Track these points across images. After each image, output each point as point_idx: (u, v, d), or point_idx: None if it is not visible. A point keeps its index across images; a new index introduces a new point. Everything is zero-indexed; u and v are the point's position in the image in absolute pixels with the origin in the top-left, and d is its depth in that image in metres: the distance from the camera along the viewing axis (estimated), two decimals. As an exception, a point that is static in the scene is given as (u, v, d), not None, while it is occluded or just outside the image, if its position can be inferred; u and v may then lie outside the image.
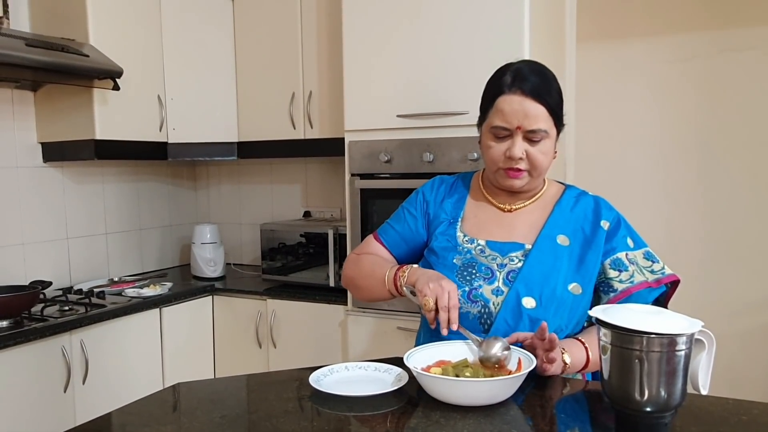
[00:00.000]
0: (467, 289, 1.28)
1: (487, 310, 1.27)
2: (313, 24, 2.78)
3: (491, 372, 1.12)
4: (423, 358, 1.17)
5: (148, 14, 2.77)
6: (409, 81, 2.30)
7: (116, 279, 2.96)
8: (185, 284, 2.93)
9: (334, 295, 2.62)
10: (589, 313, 1.05)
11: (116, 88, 2.48)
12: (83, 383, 2.28)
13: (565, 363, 1.18)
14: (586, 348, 1.22)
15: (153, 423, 1.06)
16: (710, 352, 1.12)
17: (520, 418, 1.03)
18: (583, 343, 1.23)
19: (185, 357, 2.74)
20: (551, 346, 1.13)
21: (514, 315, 1.25)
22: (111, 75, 2.43)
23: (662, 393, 0.94)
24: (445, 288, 1.19)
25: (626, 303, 1.22)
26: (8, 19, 2.46)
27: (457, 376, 1.10)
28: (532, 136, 1.26)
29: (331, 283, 2.70)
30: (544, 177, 1.38)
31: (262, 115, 2.94)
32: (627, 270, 1.30)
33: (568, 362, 1.18)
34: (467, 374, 1.11)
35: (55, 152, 2.69)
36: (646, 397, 0.94)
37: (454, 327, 1.19)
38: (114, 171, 3.05)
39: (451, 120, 2.22)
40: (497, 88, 1.29)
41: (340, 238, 2.67)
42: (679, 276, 1.31)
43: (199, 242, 3.09)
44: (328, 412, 1.07)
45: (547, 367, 1.15)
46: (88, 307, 2.36)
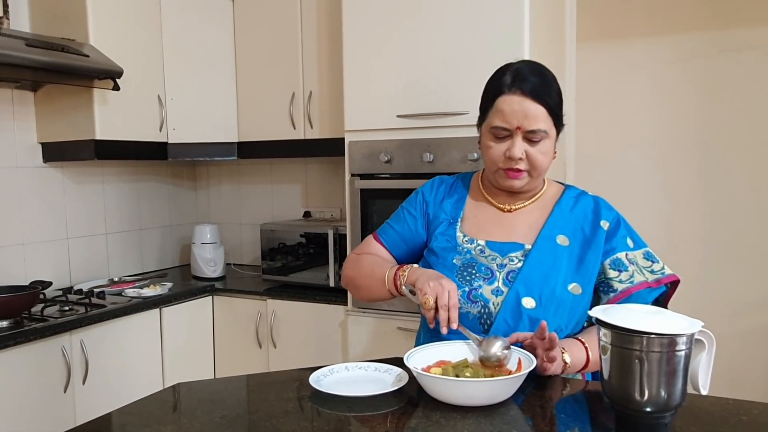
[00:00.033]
0: (467, 289, 1.28)
1: (487, 311, 1.27)
2: (313, 24, 2.78)
3: (491, 372, 1.12)
4: (423, 359, 1.17)
5: (148, 14, 2.77)
6: (409, 81, 2.30)
7: (116, 279, 2.96)
8: (185, 284, 2.93)
9: (334, 296, 2.62)
10: (589, 313, 1.05)
11: (116, 88, 2.48)
12: (83, 383, 2.28)
13: (565, 362, 1.18)
14: (586, 348, 1.22)
15: (153, 423, 1.06)
16: (710, 352, 1.12)
17: (520, 418, 1.03)
18: (583, 343, 1.23)
19: (185, 357, 2.74)
20: (551, 345, 1.13)
21: (513, 315, 1.25)
22: (111, 75, 2.44)
23: (662, 393, 0.94)
24: (445, 287, 1.19)
25: (626, 303, 1.22)
26: (8, 19, 2.46)
27: (457, 377, 1.10)
28: (531, 137, 1.26)
29: (331, 284, 2.70)
30: (544, 177, 1.38)
31: (262, 115, 2.94)
32: (627, 270, 1.30)
33: (568, 362, 1.18)
34: (467, 374, 1.11)
35: (55, 152, 2.69)
36: (646, 397, 0.94)
37: (453, 326, 1.18)
38: (114, 171, 3.05)
39: (451, 120, 2.22)
40: (497, 89, 1.29)
41: (340, 238, 2.67)
42: (679, 276, 1.31)
43: (199, 242, 3.09)
44: (328, 412, 1.07)
45: (548, 366, 1.15)
46: (88, 307, 2.36)
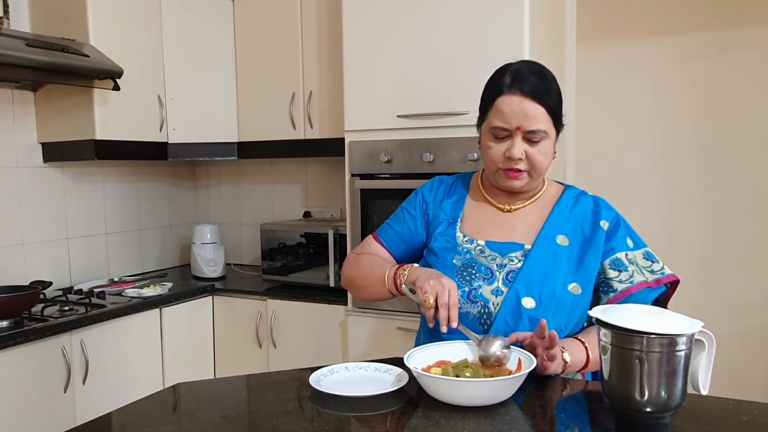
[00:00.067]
0: (467, 289, 1.28)
1: (487, 311, 1.27)
2: (313, 24, 2.78)
3: (491, 372, 1.12)
4: (423, 359, 1.17)
5: (149, 14, 2.77)
6: (409, 81, 2.30)
7: (116, 279, 2.96)
8: (185, 284, 2.93)
9: (334, 296, 2.62)
10: (589, 313, 1.05)
11: (116, 88, 2.48)
12: (83, 383, 2.28)
13: (566, 362, 1.18)
14: (586, 347, 1.22)
15: (153, 423, 1.06)
16: (710, 352, 1.12)
17: (520, 418, 1.03)
18: (582, 343, 1.23)
19: (185, 357, 2.74)
20: (551, 344, 1.13)
21: (513, 315, 1.25)
22: (111, 75, 2.44)
23: (662, 393, 0.94)
24: (445, 285, 1.19)
25: (626, 303, 1.22)
26: (8, 20, 2.46)
27: (458, 377, 1.10)
28: (531, 137, 1.26)
29: (331, 284, 2.70)
30: (544, 177, 1.38)
31: (262, 115, 2.94)
32: (627, 270, 1.30)
33: (569, 361, 1.18)
34: (467, 374, 1.11)
35: (55, 152, 2.69)
36: (646, 397, 0.94)
37: (453, 324, 1.18)
38: (114, 171, 3.05)
39: (451, 120, 2.22)
40: (497, 89, 1.29)
41: (340, 239, 2.67)
42: (678, 276, 1.31)
43: (199, 242, 3.09)
44: (328, 412, 1.07)
45: (548, 365, 1.14)
46: (88, 307, 2.36)
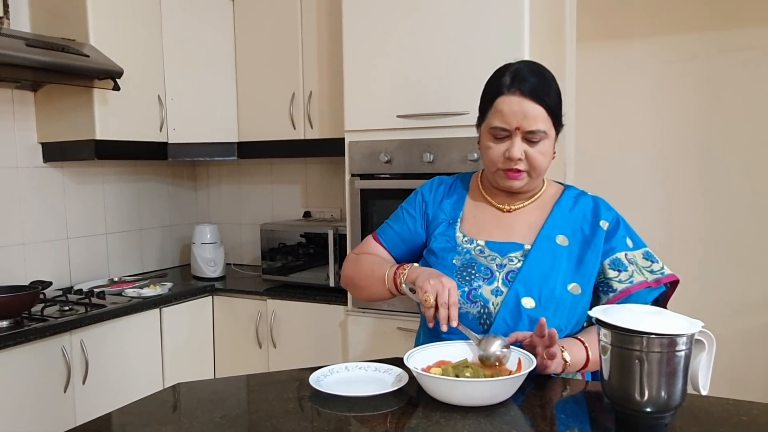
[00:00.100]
0: (466, 289, 1.28)
1: (487, 311, 1.27)
2: (314, 24, 2.78)
3: (491, 372, 1.12)
4: (423, 359, 1.17)
5: (149, 14, 2.77)
6: (409, 81, 2.30)
7: (116, 279, 2.96)
8: (185, 284, 2.93)
9: (334, 296, 2.62)
10: (589, 313, 1.05)
11: (116, 88, 2.48)
12: (83, 383, 2.28)
13: (565, 361, 1.17)
14: (585, 347, 1.22)
15: (153, 423, 1.06)
16: (710, 352, 1.12)
17: (520, 418, 1.03)
18: (582, 342, 1.23)
19: (185, 357, 2.74)
20: (550, 342, 1.12)
21: (513, 315, 1.25)
22: (111, 75, 2.44)
23: (662, 393, 0.94)
24: (445, 285, 1.19)
25: (625, 303, 1.22)
26: (8, 20, 2.46)
27: (458, 377, 1.10)
28: (531, 137, 1.26)
29: (331, 284, 2.70)
30: (543, 177, 1.38)
31: (262, 116, 2.94)
32: (626, 270, 1.30)
33: (568, 360, 1.18)
34: (467, 374, 1.11)
35: (55, 152, 2.69)
36: (646, 397, 0.94)
37: (453, 324, 1.18)
38: (114, 171, 3.05)
39: (451, 120, 2.22)
40: (496, 89, 1.29)
41: (340, 239, 2.67)
42: (678, 276, 1.31)
43: (199, 242, 3.09)
44: (328, 412, 1.07)
45: (548, 364, 1.14)
46: (88, 307, 2.36)
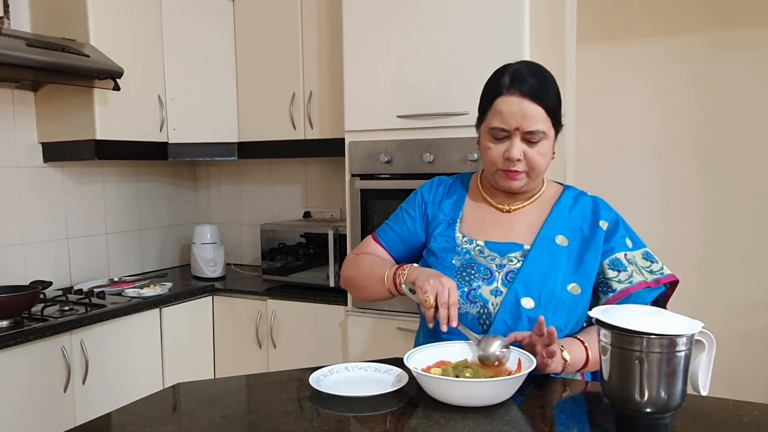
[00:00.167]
0: (466, 289, 1.28)
1: (486, 311, 1.27)
2: (314, 24, 2.78)
3: (491, 372, 1.12)
4: (423, 359, 1.17)
5: (149, 14, 2.77)
6: (410, 81, 2.30)
7: (116, 279, 2.96)
8: (185, 284, 2.93)
9: (334, 296, 2.62)
10: (589, 313, 1.05)
11: (117, 88, 2.48)
12: (83, 383, 2.28)
13: (565, 360, 1.17)
14: (585, 347, 1.22)
15: (153, 423, 1.06)
16: (710, 353, 1.12)
17: (520, 418, 1.03)
18: (582, 342, 1.23)
19: (185, 357, 2.74)
20: (550, 341, 1.12)
21: (513, 315, 1.25)
22: (111, 75, 2.44)
23: (662, 394, 0.94)
24: (445, 285, 1.19)
25: (625, 303, 1.22)
26: (9, 20, 2.46)
27: (457, 377, 1.10)
28: (530, 138, 1.26)
29: (331, 284, 2.70)
30: (543, 177, 1.38)
31: (263, 116, 2.94)
32: (626, 270, 1.30)
33: (568, 359, 1.18)
34: (467, 375, 1.11)
35: (55, 152, 2.69)
36: (646, 398, 0.94)
37: (453, 324, 1.18)
38: (114, 171, 3.05)
39: (452, 120, 2.22)
40: (495, 90, 1.29)
41: (340, 239, 2.67)
42: (678, 276, 1.31)
43: (199, 242, 3.09)
44: (328, 412, 1.07)
45: (548, 363, 1.14)
46: (88, 307, 2.36)
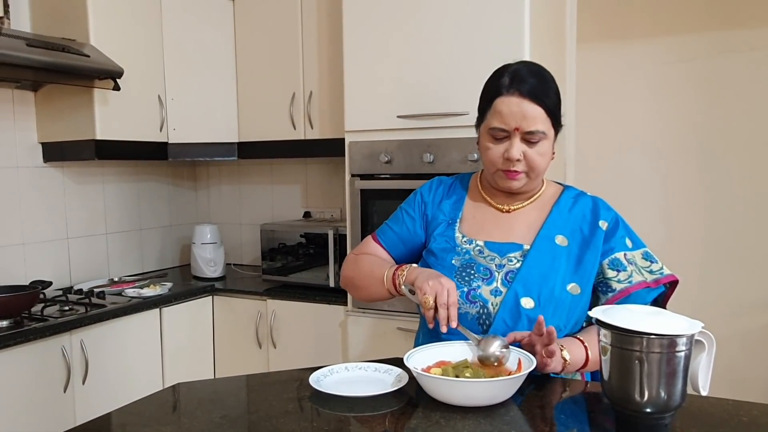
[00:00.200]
0: (466, 289, 1.28)
1: (486, 311, 1.27)
2: (314, 24, 2.78)
3: (491, 372, 1.12)
4: (423, 359, 1.17)
5: (149, 14, 2.77)
6: (410, 82, 2.30)
7: (116, 279, 2.96)
8: (185, 284, 2.93)
9: (334, 296, 2.62)
10: (589, 313, 1.05)
11: (117, 88, 2.48)
12: (83, 383, 2.28)
13: (565, 359, 1.17)
14: (585, 346, 1.22)
15: (153, 423, 1.06)
16: (710, 353, 1.12)
17: (520, 418, 1.03)
18: (582, 342, 1.23)
19: (185, 357, 2.74)
20: (549, 340, 1.12)
21: (512, 315, 1.25)
22: (111, 75, 2.44)
23: (662, 394, 0.94)
24: (444, 285, 1.19)
25: (624, 303, 1.22)
26: (9, 19, 2.46)
27: (457, 377, 1.10)
28: (530, 138, 1.26)
29: (331, 284, 2.70)
30: (543, 177, 1.38)
31: (263, 116, 2.94)
32: (625, 270, 1.30)
33: (568, 359, 1.18)
34: (467, 375, 1.11)
35: (55, 152, 2.69)
36: (646, 398, 0.94)
37: (453, 324, 1.19)
38: (114, 171, 3.05)
39: (452, 121, 2.22)
40: (495, 90, 1.29)
41: (340, 239, 2.67)
42: (677, 276, 1.31)
43: (199, 242, 3.09)
44: (328, 412, 1.07)
45: (547, 362, 1.14)
46: (88, 307, 2.36)
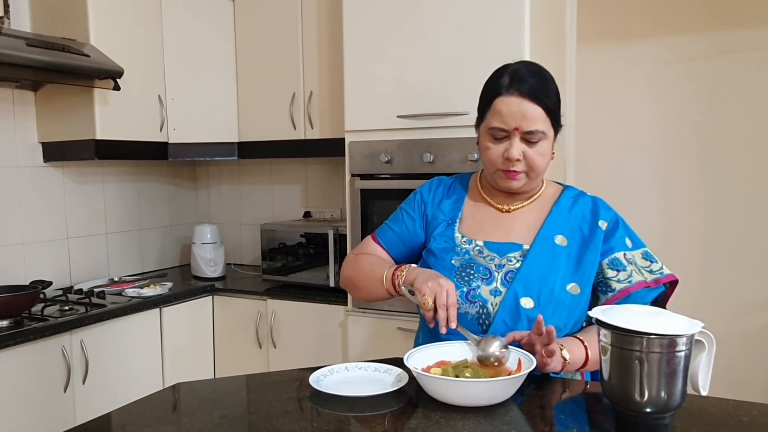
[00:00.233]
0: (465, 289, 1.28)
1: (486, 311, 1.27)
2: (314, 24, 2.78)
3: (491, 372, 1.12)
4: (423, 359, 1.17)
5: (149, 14, 2.77)
6: (410, 81, 2.30)
7: (116, 279, 2.96)
8: (185, 284, 2.93)
9: (334, 296, 2.62)
10: (589, 313, 1.05)
11: (117, 88, 2.48)
12: (83, 383, 2.28)
13: (565, 359, 1.17)
14: (585, 346, 1.22)
15: (153, 423, 1.06)
16: (710, 353, 1.12)
17: (520, 418, 1.03)
18: (582, 341, 1.23)
19: (185, 357, 2.74)
20: (549, 340, 1.12)
21: (512, 315, 1.25)
22: (112, 75, 2.44)
23: (662, 394, 0.94)
24: (443, 286, 1.20)
25: (624, 303, 1.22)
26: (9, 19, 2.46)
27: (457, 377, 1.10)
28: (529, 138, 1.26)
29: (331, 284, 2.70)
30: (543, 177, 1.38)
31: (263, 116, 2.94)
32: (625, 270, 1.30)
33: (568, 358, 1.18)
34: (467, 375, 1.11)
35: (55, 152, 2.69)
36: (646, 398, 0.94)
37: (452, 325, 1.19)
38: (114, 171, 3.05)
39: (452, 120, 2.22)
40: (495, 90, 1.29)
41: (341, 239, 2.67)
42: (677, 276, 1.31)
43: (200, 242, 3.09)
44: (328, 412, 1.07)
45: (547, 361, 1.14)
46: (88, 307, 2.36)
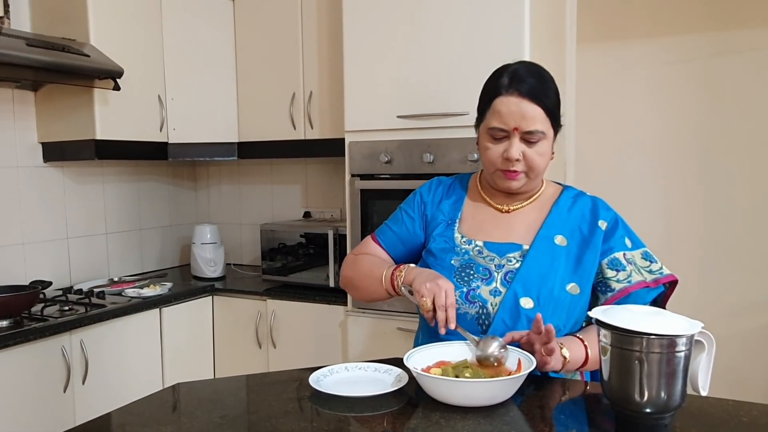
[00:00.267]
0: (465, 289, 1.28)
1: (485, 311, 1.27)
2: (314, 24, 2.78)
3: (491, 372, 1.12)
4: (423, 359, 1.17)
5: (149, 14, 2.77)
6: (410, 82, 2.30)
7: (116, 279, 2.96)
8: (185, 284, 2.93)
9: (334, 296, 2.62)
10: (589, 314, 1.05)
11: (117, 88, 2.48)
12: (83, 383, 2.28)
13: (565, 357, 1.17)
14: (585, 345, 1.22)
15: (153, 423, 1.06)
16: (710, 353, 1.12)
17: (520, 419, 1.03)
18: (581, 340, 1.23)
19: (185, 357, 2.74)
20: (548, 338, 1.12)
21: (512, 315, 1.25)
22: (112, 75, 2.44)
23: (662, 394, 0.94)
24: (442, 287, 1.20)
25: (624, 303, 1.22)
26: (9, 19, 2.46)
27: (457, 377, 1.10)
28: (529, 138, 1.26)
29: (331, 284, 2.70)
30: (542, 177, 1.38)
31: (263, 116, 2.94)
32: (625, 270, 1.29)
33: (567, 357, 1.18)
34: (467, 375, 1.11)
35: (55, 152, 2.69)
36: (646, 398, 0.94)
37: (451, 326, 1.19)
38: (114, 171, 3.05)
39: (452, 121, 2.22)
40: (494, 90, 1.29)
41: (340, 239, 2.67)
42: (677, 276, 1.31)
43: (199, 242, 3.09)
44: (328, 412, 1.07)
45: (547, 360, 1.14)
46: (88, 307, 2.36)
